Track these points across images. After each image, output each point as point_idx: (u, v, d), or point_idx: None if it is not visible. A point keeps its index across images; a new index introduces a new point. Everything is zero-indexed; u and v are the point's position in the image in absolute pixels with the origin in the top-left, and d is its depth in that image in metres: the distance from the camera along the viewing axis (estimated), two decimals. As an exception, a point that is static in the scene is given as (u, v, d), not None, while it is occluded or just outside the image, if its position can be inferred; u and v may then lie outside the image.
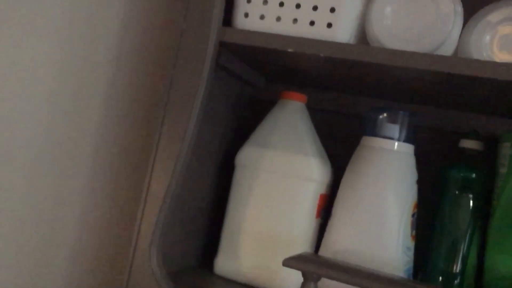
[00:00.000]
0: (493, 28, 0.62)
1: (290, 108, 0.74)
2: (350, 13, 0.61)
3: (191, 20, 0.63)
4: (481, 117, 0.76)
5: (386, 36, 0.61)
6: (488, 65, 0.54)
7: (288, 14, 0.63)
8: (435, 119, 0.78)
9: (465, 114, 0.77)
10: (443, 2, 0.59)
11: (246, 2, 0.65)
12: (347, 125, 0.83)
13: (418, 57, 0.56)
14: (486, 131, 0.76)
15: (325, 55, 0.59)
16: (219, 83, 0.73)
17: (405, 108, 0.80)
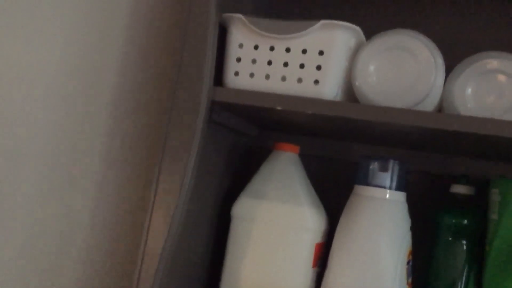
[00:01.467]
0: (475, 79, 0.64)
1: (283, 159, 0.75)
2: (335, 71, 0.63)
3: (183, 80, 0.65)
4: (472, 161, 0.77)
5: (371, 92, 0.63)
6: (470, 121, 0.56)
7: (277, 72, 0.65)
8: (427, 164, 0.79)
9: (456, 158, 0.78)
10: (423, 56, 0.61)
11: (236, 61, 0.67)
12: (341, 171, 0.85)
13: (401, 113, 0.58)
14: (478, 175, 0.77)
15: (312, 112, 0.61)
16: (213, 136, 0.75)
17: (397, 153, 0.82)
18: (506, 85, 0.62)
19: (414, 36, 0.62)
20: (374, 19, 0.84)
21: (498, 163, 0.77)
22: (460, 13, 0.80)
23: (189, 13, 0.66)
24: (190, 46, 0.65)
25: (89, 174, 0.78)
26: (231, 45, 0.67)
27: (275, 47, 0.65)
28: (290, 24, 0.64)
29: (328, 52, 0.63)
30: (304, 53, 0.64)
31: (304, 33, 0.63)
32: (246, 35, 0.66)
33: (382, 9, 0.84)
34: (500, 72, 0.62)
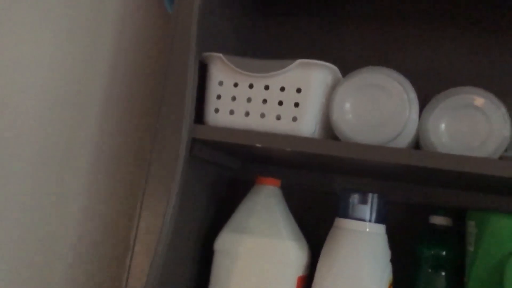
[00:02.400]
0: (449, 114, 0.66)
1: (264, 193, 0.76)
2: (313, 108, 0.65)
3: (164, 117, 0.66)
4: (450, 191, 0.79)
5: (348, 129, 0.64)
6: (441, 158, 0.57)
7: (256, 109, 0.66)
8: (406, 195, 0.81)
9: (435, 189, 0.80)
10: (397, 92, 0.63)
11: (216, 99, 0.69)
12: (324, 202, 0.85)
13: (375, 150, 0.59)
14: (457, 205, 0.78)
15: (291, 149, 0.62)
16: (195, 170, 0.76)
17: (377, 184, 0.83)
18: (479, 119, 0.64)
19: (387, 73, 0.64)
20: (351, 54, 0.86)
21: (477, 194, 0.78)
22: (435, 47, 0.83)
23: (170, 52, 0.68)
24: (171, 84, 0.67)
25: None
26: (211, 82, 0.69)
27: (254, 84, 0.67)
28: (268, 63, 0.66)
29: (305, 90, 0.65)
30: (282, 91, 0.66)
31: (282, 72, 0.65)
32: (226, 73, 0.68)
33: (359, 44, 0.86)
34: (472, 107, 0.64)
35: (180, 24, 0.67)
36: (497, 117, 0.64)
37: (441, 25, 0.83)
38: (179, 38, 0.67)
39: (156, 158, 0.66)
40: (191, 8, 0.67)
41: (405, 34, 0.84)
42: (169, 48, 0.68)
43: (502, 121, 0.63)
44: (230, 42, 0.82)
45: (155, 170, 0.66)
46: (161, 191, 0.66)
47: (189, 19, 0.67)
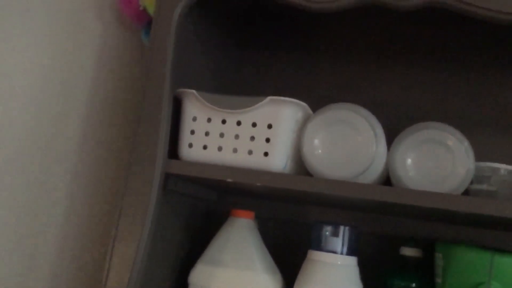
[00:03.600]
0: (415, 149, 0.68)
1: (238, 226, 0.77)
2: (283, 143, 0.67)
3: (138, 152, 0.68)
4: (420, 223, 0.81)
5: (318, 164, 0.66)
6: (408, 193, 0.59)
7: (228, 144, 0.68)
8: (378, 226, 0.82)
9: (406, 221, 0.81)
10: (363, 129, 0.65)
11: (190, 134, 0.70)
12: (299, 233, 0.87)
13: (344, 185, 0.61)
14: (427, 236, 0.80)
15: (261, 184, 0.64)
16: (170, 204, 0.76)
17: (350, 215, 0.84)
18: (443, 154, 0.67)
19: (354, 110, 0.66)
20: (324, 89, 0.89)
21: (446, 225, 0.80)
22: (404, 82, 0.86)
23: (145, 87, 0.69)
24: (145, 119, 0.68)
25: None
26: (185, 118, 0.70)
27: (227, 120, 0.69)
28: (240, 99, 0.68)
29: (276, 125, 0.66)
30: (254, 127, 0.67)
31: (253, 108, 0.67)
32: (200, 108, 0.70)
33: (332, 80, 0.89)
34: (437, 142, 0.67)
35: (155, 59, 0.69)
36: (460, 152, 0.66)
37: (409, 62, 0.86)
38: (153, 74, 0.69)
39: (129, 193, 0.67)
40: (165, 44, 0.69)
41: (376, 69, 0.87)
42: (143, 83, 0.69)
43: (465, 156, 0.66)
44: (206, 77, 0.84)
45: (129, 205, 0.67)
46: (135, 225, 0.66)
47: (163, 54, 0.69)
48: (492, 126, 0.80)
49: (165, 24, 0.69)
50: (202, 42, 0.81)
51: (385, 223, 0.82)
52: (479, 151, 0.80)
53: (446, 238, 0.80)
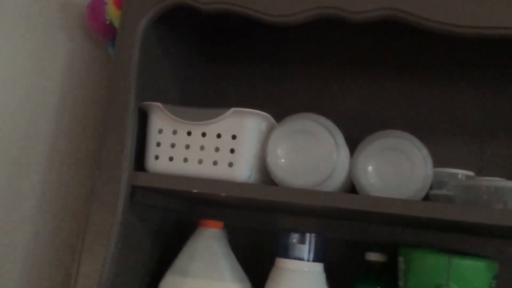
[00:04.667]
0: (375, 156, 0.70)
1: (207, 236, 0.78)
2: (248, 153, 0.68)
3: (103, 166, 0.68)
4: (385, 228, 0.83)
5: (282, 173, 0.68)
6: (369, 200, 0.61)
7: (194, 156, 0.69)
8: (344, 232, 0.84)
9: (371, 226, 0.83)
10: (324, 138, 0.67)
11: (156, 146, 0.71)
12: (268, 241, 0.88)
13: (305, 194, 0.63)
14: (392, 241, 0.82)
15: (226, 194, 0.65)
16: (138, 215, 0.77)
17: (316, 222, 0.86)
18: (402, 161, 0.69)
19: (316, 120, 0.68)
20: (291, 99, 0.91)
21: (409, 230, 0.82)
22: (368, 92, 0.88)
23: (109, 100, 0.70)
24: (110, 132, 0.69)
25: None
26: (151, 130, 0.71)
27: (192, 132, 0.70)
28: (205, 111, 0.69)
29: (240, 136, 0.68)
30: (219, 138, 0.69)
31: (217, 120, 0.69)
32: (165, 121, 0.71)
33: (298, 90, 0.91)
34: (396, 150, 0.69)
35: (119, 73, 0.70)
36: (418, 159, 0.68)
37: (373, 73, 0.88)
38: (118, 87, 0.70)
39: (96, 206, 0.67)
40: (129, 58, 0.70)
41: (341, 80, 0.89)
42: (108, 96, 0.70)
43: (423, 163, 0.68)
44: (174, 90, 0.85)
45: (95, 218, 0.67)
46: (101, 237, 0.67)
47: (127, 68, 0.70)
48: (450, 134, 0.83)
49: (129, 38, 0.70)
50: (169, 55, 0.82)
51: (351, 229, 0.84)
52: (440, 157, 0.83)
53: (410, 242, 0.82)
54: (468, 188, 0.66)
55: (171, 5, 0.70)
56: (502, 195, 0.64)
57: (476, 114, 0.83)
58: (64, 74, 0.90)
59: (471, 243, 0.79)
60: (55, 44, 0.88)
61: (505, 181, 0.65)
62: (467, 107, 0.83)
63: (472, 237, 0.80)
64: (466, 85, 0.84)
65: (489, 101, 0.82)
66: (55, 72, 0.88)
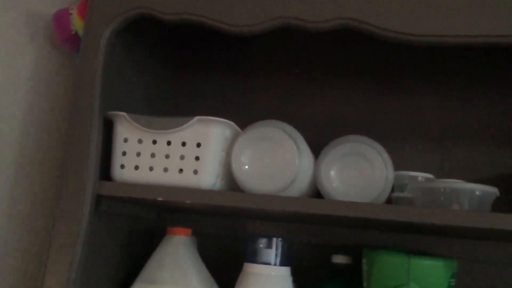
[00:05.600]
0: (338, 161, 0.72)
1: (175, 243, 0.79)
2: (212, 161, 0.69)
3: (68, 176, 0.68)
4: (350, 231, 0.85)
5: (246, 179, 0.69)
6: (330, 204, 0.63)
7: (159, 164, 0.70)
8: (311, 236, 0.86)
9: (337, 229, 0.85)
10: (286, 145, 0.69)
11: (121, 155, 0.71)
12: (236, 246, 0.89)
13: (268, 199, 0.64)
14: (358, 243, 0.84)
15: (191, 201, 0.66)
16: (105, 224, 0.77)
17: (284, 227, 0.88)
18: (364, 165, 0.71)
19: (279, 126, 0.70)
20: (259, 106, 0.92)
21: (374, 232, 0.84)
22: (333, 99, 0.90)
23: (73, 110, 0.70)
24: (74, 142, 0.69)
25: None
26: (116, 139, 0.72)
27: (157, 140, 0.70)
28: (169, 120, 0.70)
29: (204, 144, 0.69)
30: (184, 146, 0.70)
31: (182, 128, 0.69)
32: (130, 130, 0.71)
33: (266, 97, 0.92)
34: (357, 154, 0.71)
35: (83, 83, 0.70)
36: (379, 163, 0.71)
37: (337, 80, 0.90)
38: (82, 97, 0.70)
39: (61, 216, 0.67)
40: (93, 68, 0.71)
41: (306, 88, 0.91)
42: (73, 106, 0.70)
43: (383, 166, 0.70)
44: (141, 99, 0.85)
45: (60, 228, 0.67)
46: (66, 248, 0.67)
47: (92, 78, 0.70)
48: (412, 138, 0.86)
49: (93, 49, 0.71)
50: (135, 64, 0.83)
51: (317, 232, 0.86)
52: (402, 161, 0.85)
53: (375, 244, 0.84)
54: (426, 190, 0.68)
55: (134, 15, 0.71)
56: (458, 197, 0.66)
57: (436, 119, 0.85)
58: (31, 83, 0.90)
59: (432, 243, 0.82)
60: (23, 54, 0.88)
61: (461, 183, 0.67)
62: (428, 112, 0.86)
63: (434, 237, 0.82)
64: (426, 91, 0.86)
65: (448, 106, 0.85)
66: (23, 81, 0.88)
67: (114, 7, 0.71)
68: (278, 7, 0.65)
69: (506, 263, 0.79)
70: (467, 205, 0.66)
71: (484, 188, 0.65)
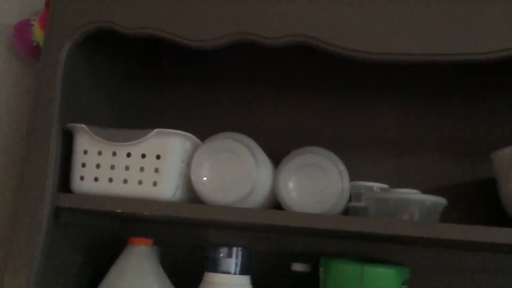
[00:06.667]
0: (295, 172, 0.74)
1: (136, 253, 0.79)
2: (172, 172, 0.70)
3: (26, 188, 0.68)
4: (310, 239, 0.87)
5: (206, 190, 0.70)
6: (287, 215, 0.65)
7: (119, 176, 0.71)
8: (272, 244, 0.87)
9: (297, 238, 0.87)
10: (244, 156, 0.70)
11: (81, 167, 0.72)
12: (198, 256, 0.90)
13: (226, 210, 0.66)
14: (317, 252, 0.86)
15: (149, 213, 0.67)
16: (65, 236, 0.77)
17: (246, 236, 0.89)
18: (320, 176, 0.73)
19: (236, 139, 0.71)
20: (220, 121, 0.94)
21: (334, 240, 0.87)
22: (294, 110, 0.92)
23: (33, 122, 0.70)
24: (33, 154, 0.69)
25: None
26: (76, 151, 0.72)
27: (117, 152, 0.71)
28: (129, 132, 0.71)
29: (164, 156, 0.70)
30: (143, 158, 0.70)
31: (142, 140, 0.70)
32: (90, 142, 0.72)
33: (228, 109, 0.94)
34: (314, 166, 0.73)
35: (43, 95, 0.71)
36: (335, 174, 0.73)
37: (298, 92, 0.93)
38: (41, 109, 0.70)
39: (19, 228, 0.67)
40: (53, 80, 0.71)
41: (266, 99, 0.93)
42: (32, 118, 0.71)
43: (339, 177, 0.73)
44: (104, 111, 0.86)
45: (19, 240, 0.67)
46: (24, 260, 0.67)
47: (51, 90, 0.71)
48: (369, 149, 0.89)
49: (53, 61, 0.71)
50: (97, 75, 0.83)
51: (278, 241, 0.87)
52: (360, 171, 0.88)
53: (334, 252, 0.86)
54: (379, 200, 0.70)
55: (95, 28, 0.71)
56: (409, 207, 0.69)
57: (392, 131, 0.88)
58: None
59: (389, 250, 0.85)
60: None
61: (411, 193, 0.70)
62: (384, 124, 0.89)
63: (389, 245, 0.85)
64: (383, 104, 0.89)
65: (404, 118, 0.88)
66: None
67: (74, 20, 0.72)
68: (234, 23, 0.67)
69: (457, 270, 0.82)
70: (418, 215, 0.69)
71: (433, 199, 0.68)
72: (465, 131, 0.86)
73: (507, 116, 0.85)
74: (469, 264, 0.82)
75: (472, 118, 0.86)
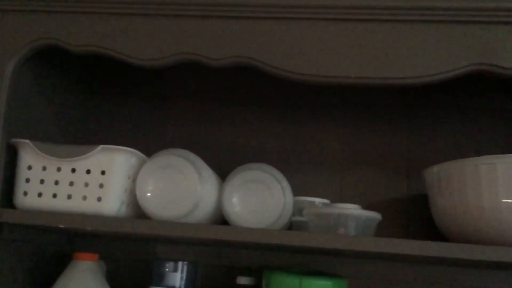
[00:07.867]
0: (239, 187, 0.76)
1: (80, 268, 0.79)
2: (117, 188, 0.71)
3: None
4: (256, 252, 0.89)
5: (150, 206, 0.72)
6: (228, 230, 0.67)
7: (63, 191, 0.71)
8: (218, 258, 0.89)
9: (243, 251, 0.89)
10: (188, 172, 0.72)
11: (25, 182, 0.72)
12: (145, 270, 0.91)
13: (169, 225, 0.67)
14: (262, 265, 0.89)
15: (93, 229, 0.68)
16: (8, 252, 0.76)
17: (194, 249, 0.91)
18: (263, 191, 0.76)
19: (181, 155, 0.73)
20: (171, 136, 0.95)
21: (279, 253, 0.89)
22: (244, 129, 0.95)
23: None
24: (-24, 171, 0.69)
25: None
26: (20, 166, 0.72)
27: (62, 168, 0.72)
28: (74, 148, 0.72)
29: (108, 172, 0.71)
30: (88, 173, 0.71)
31: (86, 156, 0.71)
32: (34, 157, 0.72)
33: (180, 128, 0.95)
34: (258, 181, 0.76)
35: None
36: (277, 190, 0.76)
37: (246, 109, 0.96)
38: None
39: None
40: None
41: (218, 116, 0.95)
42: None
43: (281, 194, 0.76)
44: (52, 126, 0.86)
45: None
46: (-36, 277, 0.66)
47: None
48: (314, 165, 0.92)
49: (-3, 77, 0.71)
50: (45, 92, 0.83)
51: (224, 255, 0.89)
52: (305, 186, 0.91)
53: (279, 265, 0.89)
54: (318, 215, 0.74)
55: (41, 46, 0.72)
56: (346, 221, 0.72)
57: (336, 148, 0.92)
58: None
59: (330, 262, 0.88)
60: None
61: (349, 208, 0.74)
62: (328, 142, 0.93)
63: (330, 257, 0.88)
64: (327, 122, 0.93)
65: (347, 136, 0.93)
66: None
67: (21, 36, 0.72)
68: (180, 44, 0.69)
69: (394, 281, 0.86)
70: (354, 229, 0.72)
71: (367, 214, 0.71)
72: (404, 149, 0.91)
73: (443, 134, 0.90)
74: (405, 275, 0.86)
75: (411, 136, 0.91)
